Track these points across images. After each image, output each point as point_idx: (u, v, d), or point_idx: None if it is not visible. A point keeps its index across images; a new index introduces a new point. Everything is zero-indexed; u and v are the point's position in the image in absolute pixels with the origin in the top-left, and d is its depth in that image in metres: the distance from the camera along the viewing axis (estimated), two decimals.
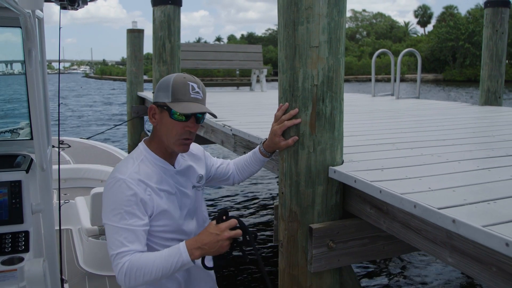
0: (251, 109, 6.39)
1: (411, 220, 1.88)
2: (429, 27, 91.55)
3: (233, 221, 1.72)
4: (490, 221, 1.52)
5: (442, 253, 1.73)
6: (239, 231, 1.71)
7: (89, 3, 2.53)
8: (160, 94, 1.77)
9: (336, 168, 2.24)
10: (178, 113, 1.74)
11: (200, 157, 2.08)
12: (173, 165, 1.89)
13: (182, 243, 1.69)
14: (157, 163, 1.83)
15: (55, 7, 2.56)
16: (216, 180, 2.24)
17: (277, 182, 2.83)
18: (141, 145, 1.87)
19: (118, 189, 1.70)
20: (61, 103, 3.13)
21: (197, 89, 1.78)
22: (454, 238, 1.65)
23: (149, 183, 1.76)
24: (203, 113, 1.81)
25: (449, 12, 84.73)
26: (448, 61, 64.71)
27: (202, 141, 4.86)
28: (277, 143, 2.18)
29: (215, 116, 1.83)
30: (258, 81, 11.39)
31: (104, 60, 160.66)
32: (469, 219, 1.54)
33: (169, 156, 1.87)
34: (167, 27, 6.45)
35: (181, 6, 6.65)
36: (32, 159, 2.66)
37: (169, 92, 1.74)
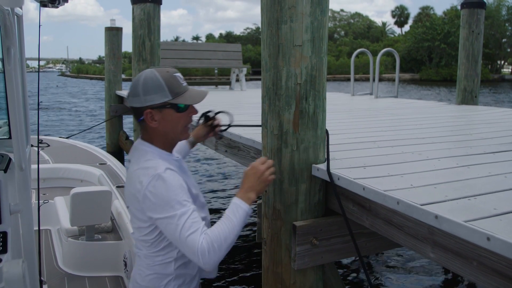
0: (231, 108, 6.33)
1: (394, 217, 1.90)
2: (406, 27, 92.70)
3: (266, 160, 1.91)
4: (471, 216, 1.56)
5: (424, 248, 1.76)
6: (273, 169, 1.90)
7: (69, 1, 2.49)
8: (154, 96, 1.76)
9: (319, 166, 2.26)
10: (185, 106, 1.80)
11: None
12: None
13: (235, 199, 1.79)
14: (167, 157, 1.85)
15: (30, 4, 2.53)
16: None
17: None
18: (143, 146, 1.86)
19: (165, 183, 1.70)
20: (40, 101, 3.08)
21: (182, 77, 1.84)
22: (436, 233, 1.68)
23: (177, 171, 1.79)
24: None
25: (425, 13, 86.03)
26: (425, 61, 65.60)
27: None
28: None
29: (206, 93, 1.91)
30: (237, 80, 11.37)
31: (80, 58, 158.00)
32: (451, 215, 1.57)
33: (171, 150, 1.92)
34: (147, 25, 6.39)
35: (161, 4, 6.58)
36: (10, 159, 2.61)
37: (166, 91, 1.76)
